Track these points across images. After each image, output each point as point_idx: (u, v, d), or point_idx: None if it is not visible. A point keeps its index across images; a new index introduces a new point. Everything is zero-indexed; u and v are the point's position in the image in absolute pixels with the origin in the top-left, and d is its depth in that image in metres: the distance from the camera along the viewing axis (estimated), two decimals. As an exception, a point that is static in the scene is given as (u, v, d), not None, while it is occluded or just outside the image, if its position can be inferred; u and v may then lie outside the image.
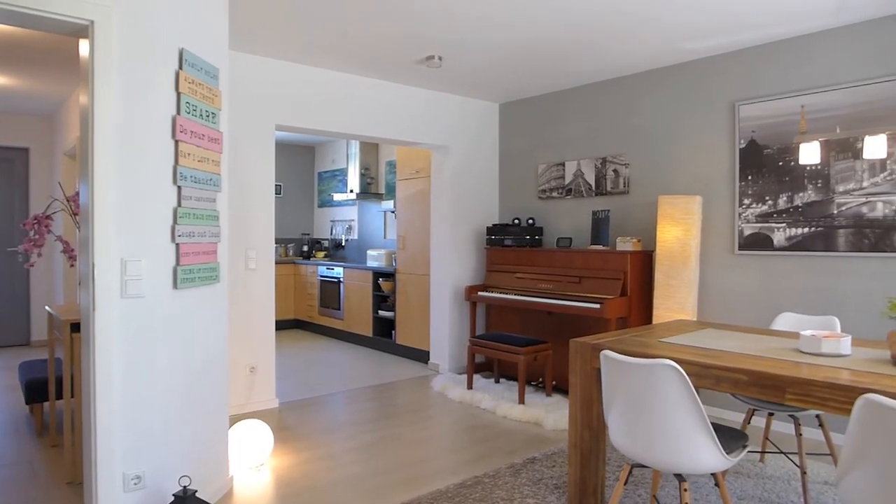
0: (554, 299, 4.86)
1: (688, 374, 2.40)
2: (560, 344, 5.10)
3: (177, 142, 2.60)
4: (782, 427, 4.13)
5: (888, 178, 3.68)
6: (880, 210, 3.71)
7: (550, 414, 4.32)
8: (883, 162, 3.70)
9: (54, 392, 3.85)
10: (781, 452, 3.29)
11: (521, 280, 5.32)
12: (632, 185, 5.03)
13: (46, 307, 3.87)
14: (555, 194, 5.64)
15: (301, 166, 9.38)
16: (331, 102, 4.95)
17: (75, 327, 3.12)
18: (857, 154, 3.78)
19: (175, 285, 2.63)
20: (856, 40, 3.82)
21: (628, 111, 5.06)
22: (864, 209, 3.77)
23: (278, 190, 9.10)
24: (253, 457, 3.37)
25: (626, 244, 4.70)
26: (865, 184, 3.77)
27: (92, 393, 2.42)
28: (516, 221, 5.65)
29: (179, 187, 2.63)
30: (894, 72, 3.66)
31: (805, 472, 3.00)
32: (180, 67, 2.62)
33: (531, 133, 5.89)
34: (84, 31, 2.41)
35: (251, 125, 4.53)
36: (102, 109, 2.38)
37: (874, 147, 2.62)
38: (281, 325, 8.55)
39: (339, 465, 3.52)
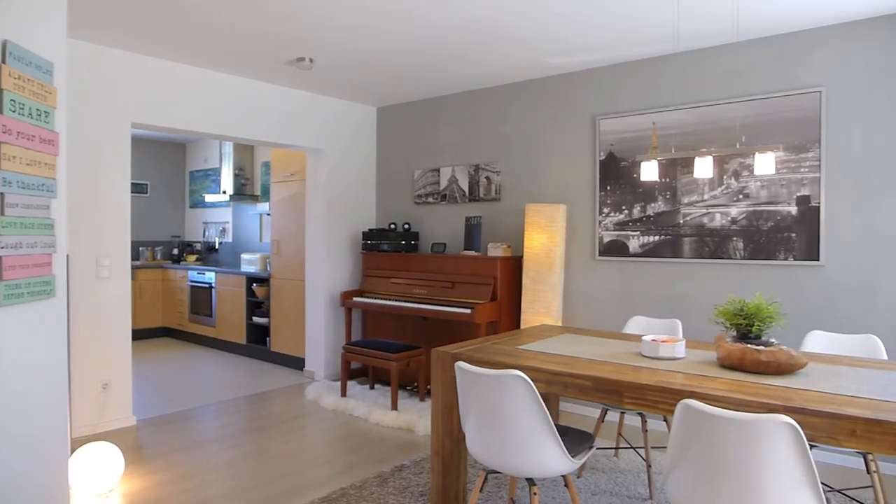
0: (428, 304, 4.91)
1: (538, 381, 2.50)
2: (433, 348, 5.15)
3: (-1, 144, 2.35)
4: (638, 421, 4.42)
5: (724, 191, 4.04)
6: (718, 221, 4.07)
7: (422, 419, 4.36)
8: (720, 176, 4.05)
9: None
10: (631, 448, 3.51)
11: (396, 285, 5.33)
12: (503, 193, 5.18)
13: None
14: (430, 200, 5.69)
15: (171, 164, 8.86)
16: (195, 100, 4.70)
17: None
18: (699, 169, 4.13)
19: (-2, 302, 2.38)
20: (692, 66, 4.17)
21: (500, 120, 5.21)
22: (705, 219, 4.12)
23: (145, 189, 8.54)
24: (99, 483, 3.13)
25: (496, 250, 4.84)
26: (706, 196, 4.12)
27: None
28: (393, 226, 5.65)
29: (2, 194, 2.38)
30: (723, 96, 4.03)
31: (650, 466, 3.22)
32: (3, 62, 2.37)
33: (408, 138, 5.91)
34: None
35: (104, 123, 4.21)
36: None
37: (702, 167, 2.86)
38: (147, 334, 8.02)
39: (198, 485, 3.35)
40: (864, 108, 3.59)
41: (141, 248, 8.40)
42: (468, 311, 4.57)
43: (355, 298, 5.42)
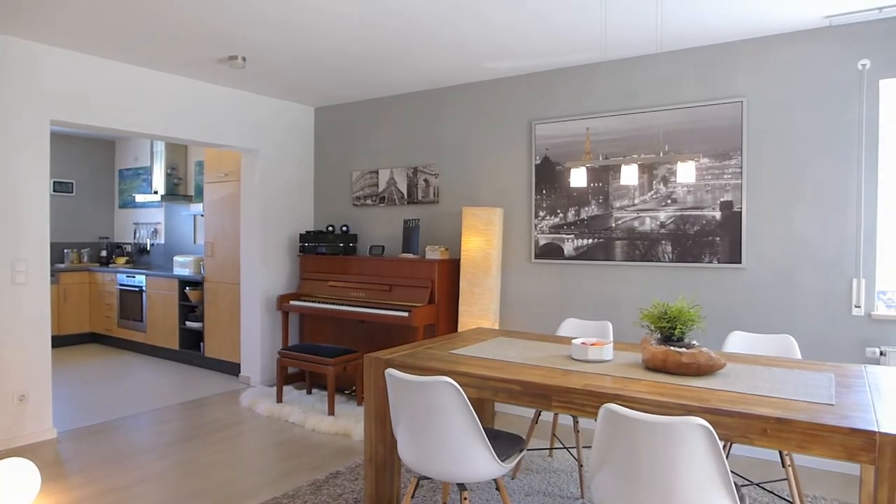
0: (365, 308, 4.87)
1: (469, 386, 2.51)
2: (371, 352, 5.12)
3: None
4: (572, 420, 4.51)
5: (654, 196, 4.17)
6: (648, 224, 4.19)
7: (359, 424, 4.32)
8: (650, 182, 4.18)
9: None
10: (564, 448, 3.58)
11: (333, 288, 5.27)
12: (441, 195, 5.20)
13: None
14: (369, 202, 5.66)
15: (99, 162, 8.48)
16: (121, 97, 4.51)
17: None
18: (630, 174, 4.24)
19: None
20: (622, 74, 4.28)
21: (438, 123, 5.22)
22: (636, 223, 4.24)
23: (70, 188, 8.15)
24: (13, 501, 2.96)
25: (434, 253, 4.84)
26: (636, 201, 4.24)
27: None
28: (330, 228, 5.58)
29: None
30: (651, 104, 4.15)
31: (581, 465, 3.29)
32: None
33: (346, 139, 5.85)
34: None
35: (20, 119, 3.99)
36: None
37: (628, 174, 2.94)
38: (73, 340, 7.66)
39: (122, 500, 3.21)
40: (783, 117, 3.77)
41: (66, 251, 8.02)
42: (406, 314, 4.56)
43: (292, 302, 5.32)
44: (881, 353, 3.46)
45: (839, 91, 3.61)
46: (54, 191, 7.98)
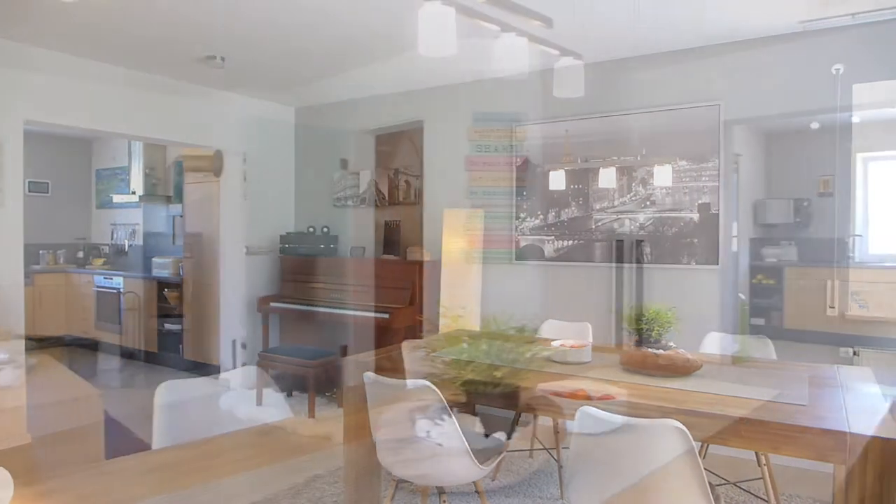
0: (346, 309, 4.86)
1: (448, 389, 2.51)
2: (353, 354, 5.10)
3: None
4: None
5: (633, 198, 4.20)
6: (627, 226, 4.23)
7: (340, 427, 4.28)
8: (629, 184, 4.21)
9: None
10: (545, 448, 3.60)
11: (315, 290, 5.24)
12: (422, 197, 5.19)
13: None
14: (350, 203, 5.63)
15: (75, 162, 8.35)
16: (99, 97, 4.45)
17: None
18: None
19: None
20: (601, 77, 4.31)
21: (420, 124, 5.20)
22: (615, 225, 4.27)
23: (46, 188, 8.01)
24: (-16, 509, 2.91)
25: (415, 254, 4.84)
26: (616, 203, 4.27)
27: None
28: (311, 230, 5.55)
29: None
30: (631, 107, 4.19)
31: (562, 466, 3.31)
32: None
33: (327, 140, 5.82)
34: None
35: (-8, 120, 3.92)
36: None
37: (606, 177, 2.96)
38: (48, 343, 7.53)
39: (97, 505, 3.18)
40: (759, 121, 3.82)
41: (41, 252, 7.88)
42: (386, 315, 4.55)
43: (272, 304, 5.29)
44: (854, 353, 3.52)
45: (814, 95, 3.66)
46: (29, 191, 7.83)
